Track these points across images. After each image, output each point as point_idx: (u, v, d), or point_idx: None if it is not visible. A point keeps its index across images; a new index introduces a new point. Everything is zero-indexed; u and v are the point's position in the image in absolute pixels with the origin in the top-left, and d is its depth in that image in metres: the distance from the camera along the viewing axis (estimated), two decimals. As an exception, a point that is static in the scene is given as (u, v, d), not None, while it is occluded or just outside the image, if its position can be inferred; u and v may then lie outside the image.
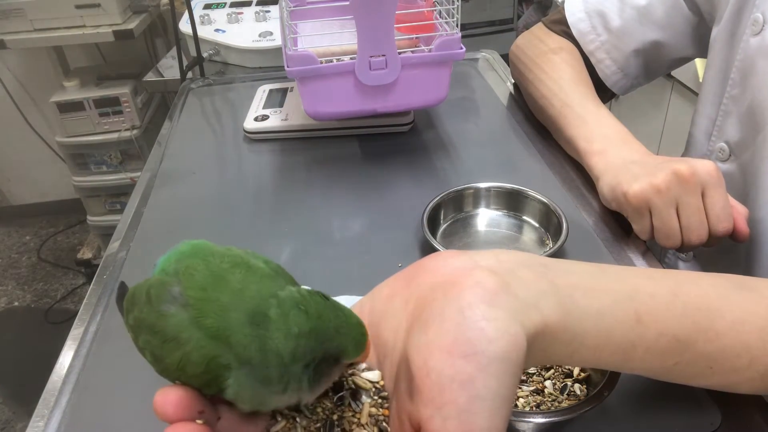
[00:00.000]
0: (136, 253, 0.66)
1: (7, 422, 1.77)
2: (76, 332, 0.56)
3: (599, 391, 0.41)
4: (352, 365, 0.33)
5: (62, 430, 0.47)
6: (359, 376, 0.33)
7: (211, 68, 1.21)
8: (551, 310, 0.31)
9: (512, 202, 0.67)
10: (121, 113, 1.99)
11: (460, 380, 0.27)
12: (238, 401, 0.29)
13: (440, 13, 0.75)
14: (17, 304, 2.24)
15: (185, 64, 1.12)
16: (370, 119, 0.83)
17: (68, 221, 2.62)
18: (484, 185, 0.67)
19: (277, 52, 1.17)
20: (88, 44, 2.17)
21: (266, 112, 0.88)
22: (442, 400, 0.27)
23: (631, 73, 0.79)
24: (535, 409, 0.44)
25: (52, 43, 1.93)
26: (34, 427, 0.47)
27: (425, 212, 0.63)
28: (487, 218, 0.67)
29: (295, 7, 0.84)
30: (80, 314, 0.58)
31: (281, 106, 0.89)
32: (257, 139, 0.86)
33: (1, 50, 1.89)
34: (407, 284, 0.33)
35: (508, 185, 0.67)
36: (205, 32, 1.22)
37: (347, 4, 0.67)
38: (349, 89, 0.72)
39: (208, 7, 1.34)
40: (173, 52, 1.37)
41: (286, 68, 0.70)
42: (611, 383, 0.41)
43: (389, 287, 0.34)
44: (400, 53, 0.71)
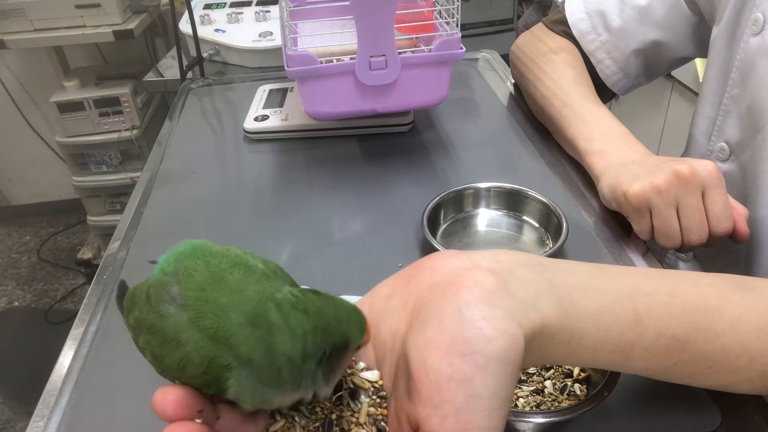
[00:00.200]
0: (136, 253, 0.66)
1: (7, 422, 1.77)
2: (76, 332, 0.56)
3: (599, 391, 0.41)
4: (352, 365, 0.33)
5: (62, 430, 0.47)
6: (358, 375, 0.33)
7: (211, 68, 1.21)
8: (549, 309, 0.31)
9: (512, 202, 0.67)
10: (121, 113, 1.99)
11: (458, 379, 0.27)
12: (241, 400, 0.30)
13: (440, 13, 0.75)
14: (17, 304, 2.24)
15: (185, 64, 1.12)
16: (370, 119, 0.83)
17: (68, 221, 2.63)
18: (484, 185, 0.67)
19: (277, 52, 1.17)
20: (88, 44, 2.18)
21: (266, 112, 0.88)
22: (440, 399, 0.27)
23: (631, 72, 0.79)
24: (535, 409, 0.44)
25: (52, 43, 1.93)
26: (34, 427, 0.47)
27: (425, 212, 0.63)
28: (487, 218, 0.67)
29: (295, 7, 0.84)
30: (80, 314, 0.58)
31: (281, 106, 0.89)
32: (257, 139, 0.86)
33: (1, 50, 1.89)
34: (406, 284, 0.33)
35: (508, 185, 0.67)
36: (205, 32, 1.22)
37: (347, 4, 0.67)
38: (349, 89, 0.72)
39: (208, 7, 1.34)
40: (173, 52, 1.37)
41: (286, 68, 0.70)
42: (611, 383, 0.41)
43: (388, 287, 0.34)
44: (400, 53, 0.71)
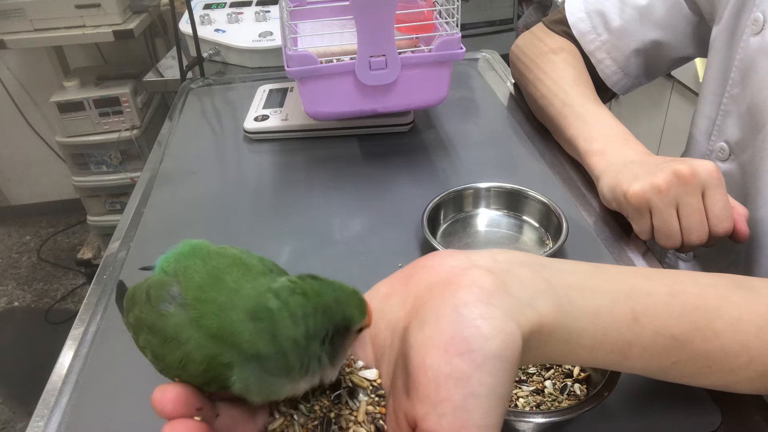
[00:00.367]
0: (136, 253, 0.66)
1: (7, 422, 1.77)
2: (76, 332, 0.56)
3: (599, 391, 0.41)
4: (351, 364, 0.33)
5: (62, 430, 0.47)
6: (357, 374, 0.33)
7: (211, 68, 1.21)
8: (547, 308, 0.31)
9: (512, 202, 0.67)
10: (121, 113, 1.99)
11: (455, 378, 0.27)
12: (248, 395, 0.30)
13: (440, 13, 0.75)
14: (17, 304, 2.24)
15: (185, 64, 1.12)
16: (370, 119, 0.83)
17: (68, 221, 2.63)
18: (484, 185, 0.67)
19: (277, 52, 1.17)
20: (88, 44, 2.18)
21: (266, 112, 0.88)
22: (438, 397, 0.27)
23: (631, 72, 0.79)
24: (535, 409, 0.44)
25: (52, 43, 1.93)
26: (34, 427, 0.47)
27: (425, 212, 0.63)
28: (487, 218, 0.67)
29: (295, 7, 0.85)
30: (80, 314, 0.58)
31: (281, 106, 0.89)
32: (257, 139, 0.86)
33: (1, 50, 1.89)
34: (405, 283, 0.33)
35: (508, 185, 0.67)
36: (205, 32, 1.22)
37: (347, 4, 0.67)
38: (349, 89, 0.72)
39: (208, 7, 1.34)
40: (173, 52, 1.37)
41: (286, 68, 0.70)
42: (611, 383, 0.41)
43: (387, 286, 0.34)
44: (400, 53, 0.71)
